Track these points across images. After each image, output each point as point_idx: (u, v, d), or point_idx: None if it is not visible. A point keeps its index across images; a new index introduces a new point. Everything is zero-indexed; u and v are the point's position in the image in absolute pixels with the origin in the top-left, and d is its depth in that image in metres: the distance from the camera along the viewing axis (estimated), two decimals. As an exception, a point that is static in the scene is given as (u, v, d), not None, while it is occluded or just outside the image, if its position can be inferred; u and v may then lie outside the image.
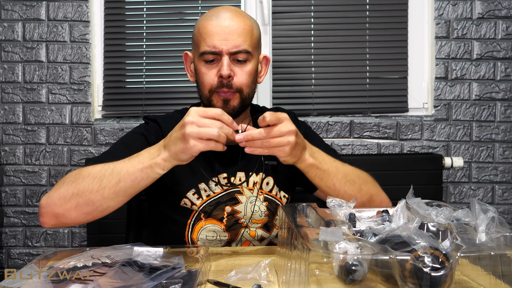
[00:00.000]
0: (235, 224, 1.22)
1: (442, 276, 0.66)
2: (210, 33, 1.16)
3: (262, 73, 1.29)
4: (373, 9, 2.14)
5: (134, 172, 0.99)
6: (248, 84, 1.20)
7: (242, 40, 1.16)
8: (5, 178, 2.13)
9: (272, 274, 0.91)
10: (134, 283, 0.79)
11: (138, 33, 2.14)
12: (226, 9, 1.20)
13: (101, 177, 1.01)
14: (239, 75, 1.18)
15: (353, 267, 0.68)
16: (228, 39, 1.15)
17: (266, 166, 1.26)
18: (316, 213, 0.90)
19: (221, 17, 1.17)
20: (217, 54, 1.16)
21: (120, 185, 1.00)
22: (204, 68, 1.19)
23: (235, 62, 1.18)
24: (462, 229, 0.76)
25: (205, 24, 1.18)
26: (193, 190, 1.22)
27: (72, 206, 1.02)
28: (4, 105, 2.12)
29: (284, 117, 0.99)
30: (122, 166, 1.00)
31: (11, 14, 2.10)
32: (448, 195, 2.13)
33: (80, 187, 1.02)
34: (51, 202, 1.04)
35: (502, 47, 2.11)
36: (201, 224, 1.22)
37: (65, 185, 1.04)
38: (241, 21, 1.18)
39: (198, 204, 1.21)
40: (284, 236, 0.89)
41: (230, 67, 1.16)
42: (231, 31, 1.16)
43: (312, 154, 1.08)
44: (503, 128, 2.12)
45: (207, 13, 1.22)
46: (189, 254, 0.99)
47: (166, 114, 1.36)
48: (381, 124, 2.11)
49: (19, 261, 2.14)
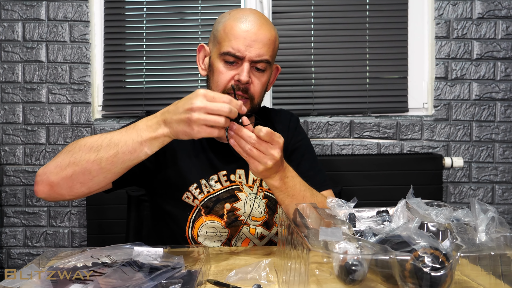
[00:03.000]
0: (235, 221, 1.23)
1: (442, 276, 0.66)
2: (236, 35, 1.16)
3: (271, 81, 1.31)
4: (373, 9, 2.14)
5: (133, 144, 0.97)
6: (261, 94, 1.23)
7: (266, 50, 1.17)
8: (5, 178, 2.13)
9: (272, 274, 0.91)
10: (134, 283, 0.79)
11: (138, 33, 2.14)
12: (255, 15, 1.20)
13: (98, 147, 0.99)
14: (256, 83, 1.19)
15: (353, 267, 0.68)
16: (253, 46, 1.16)
17: None
18: (316, 213, 0.90)
19: (250, 22, 1.17)
20: (238, 58, 1.17)
21: (118, 156, 0.98)
22: (222, 67, 1.19)
23: (254, 69, 1.19)
24: (462, 229, 0.76)
25: (233, 24, 1.18)
26: (195, 185, 1.22)
27: (68, 174, 1.00)
28: (4, 105, 2.12)
29: (277, 142, 0.99)
30: (120, 138, 0.98)
31: (11, 14, 2.10)
32: (448, 195, 2.13)
33: (77, 156, 1.00)
34: (47, 170, 1.03)
35: (502, 47, 2.11)
36: (202, 220, 1.22)
37: (62, 154, 1.03)
38: (268, 31, 1.18)
39: (200, 199, 1.22)
40: (284, 236, 0.89)
41: (249, 73, 1.17)
42: (257, 38, 1.16)
43: (284, 178, 1.07)
44: (503, 128, 2.12)
45: (235, 13, 1.21)
46: (189, 254, 0.99)
47: None
48: (381, 124, 2.11)
49: (19, 261, 2.14)
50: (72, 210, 2.12)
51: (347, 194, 1.89)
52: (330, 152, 2.11)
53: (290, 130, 1.38)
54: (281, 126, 1.37)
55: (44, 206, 2.13)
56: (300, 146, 1.37)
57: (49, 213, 2.13)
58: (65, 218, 2.13)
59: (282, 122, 1.39)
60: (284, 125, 1.38)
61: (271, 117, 1.40)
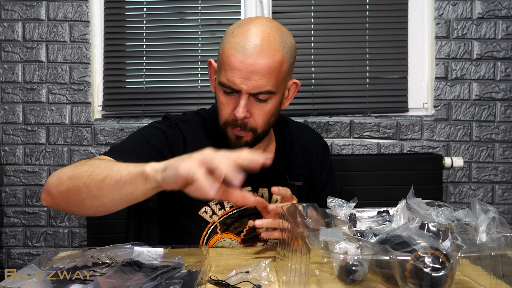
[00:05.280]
0: (253, 238, 1.21)
1: (443, 276, 0.66)
2: (232, 67, 1.04)
3: (288, 98, 1.19)
4: (373, 9, 2.14)
5: (122, 172, 0.85)
6: (265, 123, 1.12)
7: (266, 81, 1.05)
8: (5, 178, 2.13)
9: (272, 274, 0.91)
10: (134, 283, 0.79)
11: (138, 33, 2.14)
12: (256, 38, 1.05)
13: (96, 167, 0.89)
14: (256, 115, 1.10)
15: (354, 267, 0.68)
16: (250, 79, 1.04)
17: (292, 187, 1.24)
18: (316, 213, 0.90)
19: (247, 51, 1.03)
20: (236, 91, 1.07)
21: (105, 181, 0.86)
22: (222, 97, 1.11)
23: (255, 100, 1.08)
24: (462, 229, 0.76)
25: (229, 53, 1.05)
26: (215, 201, 1.18)
27: (63, 189, 0.91)
28: (4, 105, 2.11)
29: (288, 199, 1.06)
30: (120, 166, 0.88)
31: (11, 14, 2.10)
32: (448, 195, 2.13)
33: (76, 171, 0.91)
34: (51, 180, 0.95)
35: (502, 47, 2.10)
36: (217, 238, 1.20)
37: (69, 167, 0.96)
38: (269, 58, 1.04)
39: (219, 215, 1.19)
40: (285, 236, 0.89)
41: (246, 108, 1.07)
42: (254, 70, 1.03)
43: None
44: (503, 128, 2.12)
45: (237, 32, 1.07)
46: (189, 254, 0.99)
47: (182, 115, 1.27)
48: (381, 124, 2.11)
49: (19, 261, 2.14)
50: (72, 210, 2.12)
51: (347, 194, 1.88)
52: (330, 152, 2.10)
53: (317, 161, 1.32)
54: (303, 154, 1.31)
55: (44, 206, 2.12)
56: (327, 181, 1.34)
57: (49, 213, 2.13)
58: (65, 218, 2.13)
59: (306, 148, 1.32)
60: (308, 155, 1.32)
61: (292, 137, 1.31)
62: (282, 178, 1.25)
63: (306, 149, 1.31)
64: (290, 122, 1.35)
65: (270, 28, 1.07)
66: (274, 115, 1.15)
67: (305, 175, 1.30)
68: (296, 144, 1.30)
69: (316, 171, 1.32)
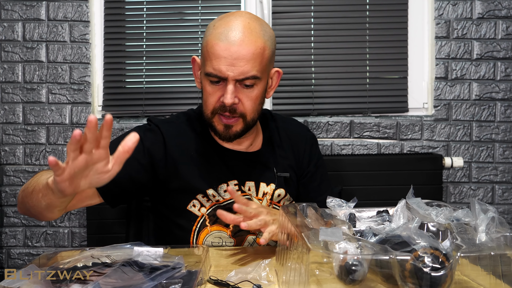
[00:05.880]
0: (241, 231, 1.20)
1: (442, 276, 0.66)
2: (217, 55, 1.09)
3: (272, 87, 1.24)
4: (373, 9, 2.13)
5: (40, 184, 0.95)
6: (253, 109, 1.16)
7: (251, 66, 1.10)
8: (5, 178, 2.13)
9: (272, 274, 0.91)
10: (134, 283, 0.79)
11: (138, 33, 2.14)
12: (237, 27, 1.10)
13: (34, 181, 1.02)
14: (244, 101, 1.14)
15: (353, 267, 0.68)
16: (235, 65, 1.09)
17: (278, 178, 1.25)
18: (316, 213, 0.90)
19: (231, 39, 1.09)
20: (222, 79, 1.11)
21: (33, 194, 0.99)
22: (209, 87, 1.14)
23: (242, 86, 1.13)
24: (462, 229, 0.76)
25: (213, 43, 1.10)
26: (201, 194, 1.20)
27: (19, 201, 1.08)
28: (4, 105, 2.12)
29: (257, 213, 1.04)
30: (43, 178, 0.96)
31: (11, 14, 2.10)
32: (448, 195, 2.13)
33: (25, 185, 1.06)
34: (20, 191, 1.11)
35: (502, 47, 2.11)
36: (207, 231, 1.20)
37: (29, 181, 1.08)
38: (252, 45, 1.09)
39: (207, 206, 1.20)
40: (284, 236, 0.89)
41: (234, 94, 1.11)
42: (239, 56, 1.08)
43: None
44: (503, 128, 2.12)
45: (219, 24, 1.13)
46: (189, 254, 0.99)
47: (170, 116, 1.32)
48: (381, 124, 2.11)
49: (19, 261, 2.14)
50: (72, 210, 2.12)
51: (347, 194, 1.88)
52: (330, 152, 2.11)
53: (305, 152, 1.34)
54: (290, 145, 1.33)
55: (44, 206, 2.13)
56: (316, 172, 1.36)
57: (49, 213, 2.13)
58: (65, 218, 2.13)
59: (294, 140, 1.34)
60: (295, 146, 1.34)
61: (279, 130, 1.34)
62: (268, 170, 1.26)
63: (294, 141, 1.34)
64: (277, 117, 1.38)
65: (250, 19, 1.14)
66: (261, 102, 1.19)
67: (293, 166, 1.32)
68: (283, 137, 1.33)
69: (304, 162, 1.34)
